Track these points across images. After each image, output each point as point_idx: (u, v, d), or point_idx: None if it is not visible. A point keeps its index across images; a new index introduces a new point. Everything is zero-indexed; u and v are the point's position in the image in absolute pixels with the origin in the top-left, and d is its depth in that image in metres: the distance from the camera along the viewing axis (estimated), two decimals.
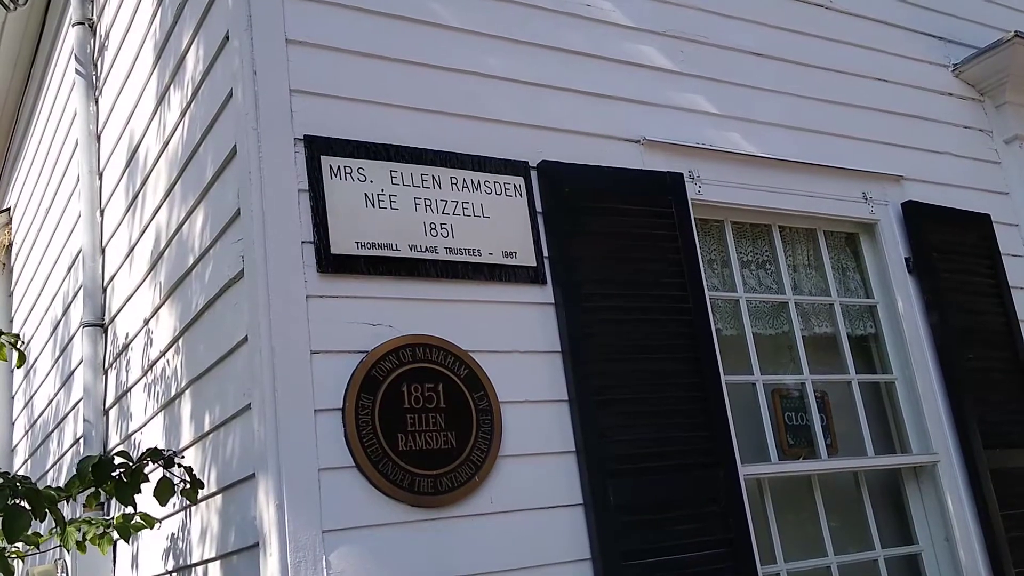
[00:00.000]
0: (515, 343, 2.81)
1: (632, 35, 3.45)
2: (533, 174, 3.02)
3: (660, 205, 3.23)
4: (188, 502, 2.86)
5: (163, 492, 2.62)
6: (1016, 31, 4.27)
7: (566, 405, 2.82)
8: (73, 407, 4.30)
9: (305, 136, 2.65)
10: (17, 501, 2.37)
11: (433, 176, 2.84)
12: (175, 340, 3.16)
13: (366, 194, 2.71)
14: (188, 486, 2.65)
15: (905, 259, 3.81)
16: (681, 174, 3.32)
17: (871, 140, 3.94)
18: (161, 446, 3.05)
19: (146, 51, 3.53)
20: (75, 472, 2.62)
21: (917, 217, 3.86)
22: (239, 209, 2.63)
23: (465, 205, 2.87)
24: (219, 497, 2.75)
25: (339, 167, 2.69)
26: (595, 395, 2.83)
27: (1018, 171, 4.35)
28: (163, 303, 3.29)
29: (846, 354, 3.66)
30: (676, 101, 3.47)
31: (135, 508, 2.71)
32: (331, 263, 2.59)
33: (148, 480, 2.64)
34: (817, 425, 3.46)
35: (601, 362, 2.90)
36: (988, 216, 4.09)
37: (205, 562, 2.83)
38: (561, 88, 3.20)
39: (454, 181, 2.87)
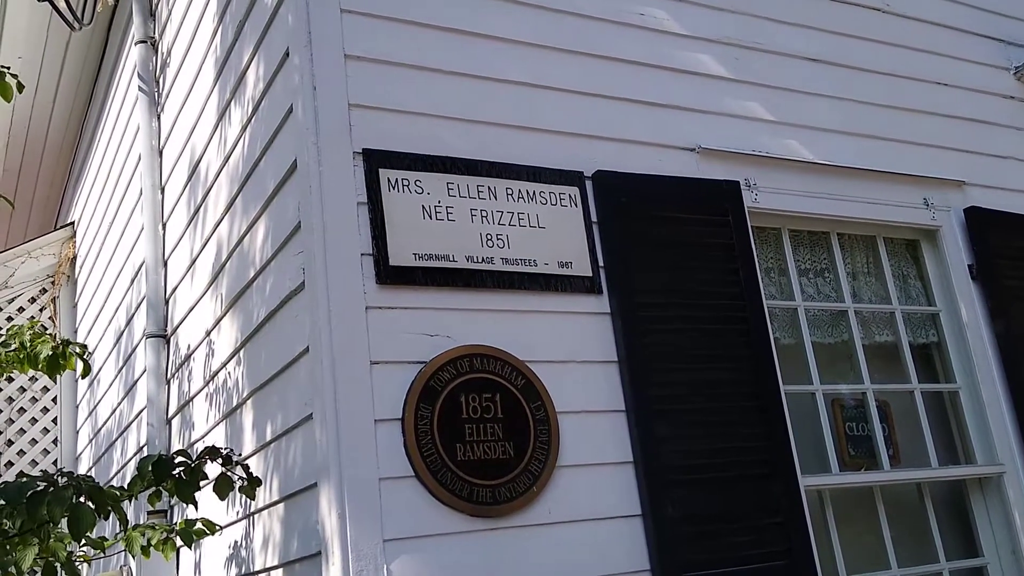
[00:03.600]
0: (571, 353, 2.81)
1: (686, 43, 3.44)
2: (588, 184, 3.03)
3: (716, 213, 3.21)
4: (249, 506, 2.91)
5: (222, 488, 2.66)
6: None
7: (623, 415, 2.81)
8: (136, 416, 4.40)
9: (364, 150, 2.69)
10: (81, 500, 2.41)
11: (489, 187, 2.86)
12: (237, 351, 3.22)
13: (423, 206, 2.74)
14: (247, 483, 2.69)
15: (968, 266, 3.74)
16: (737, 182, 3.30)
17: (931, 145, 3.88)
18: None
19: (207, 68, 3.61)
20: (136, 472, 2.67)
21: (980, 223, 3.78)
22: (300, 222, 2.68)
23: (521, 216, 2.88)
24: (281, 506, 2.79)
25: (396, 180, 2.72)
26: (652, 405, 2.82)
27: None
28: (224, 314, 3.36)
29: (908, 363, 3.60)
30: (731, 108, 3.45)
31: (196, 507, 2.75)
32: (390, 274, 2.62)
33: (208, 478, 2.69)
34: (879, 435, 3.41)
35: (658, 371, 2.89)
36: None
37: (268, 570, 2.87)
38: (615, 97, 3.20)
39: (510, 192, 2.89)
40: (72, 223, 6.35)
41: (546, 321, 2.83)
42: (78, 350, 3.40)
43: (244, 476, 2.70)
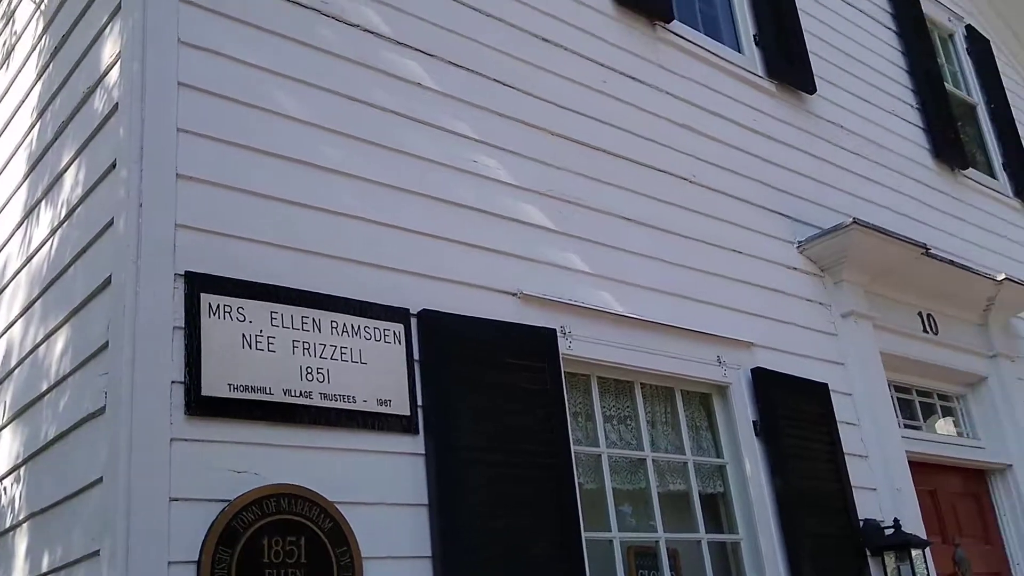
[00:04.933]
0: (383, 495, 2.78)
1: (515, 192, 3.60)
2: (414, 321, 3.06)
3: (534, 359, 3.32)
4: None
5: None
6: (855, 218, 4.70)
7: (429, 562, 2.79)
8: None
9: (187, 272, 2.60)
10: None
11: (314, 319, 2.83)
12: (17, 467, 2.95)
13: (244, 334, 2.67)
14: None
15: (753, 422, 4.03)
16: (554, 329, 3.44)
17: (727, 307, 4.20)
18: None
19: (18, 160, 3.40)
20: None
21: (764, 383, 4.11)
22: (108, 341, 2.54)
23: (344, 350, 2.86)
24: None
25: (218, 305, 2.65)
26: (460, 554, 2.82)
27: (852, 344, 4.71)
28: (6, 424, 3.08)
29: (697, 512, 3.80)
30: (553, 258, 3.62)
31: None
32: (200, 405, 2.52)
33: None
34: None
35: (468, 517, 2.89)
36: (826, 385, 4.39)
37: None
38: (446, 239, 3.28)
39: (334, 325, 2.87)
40: None
41: (361, 460, 2.79)
42: None
43: None
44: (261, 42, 3.04)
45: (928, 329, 5.31)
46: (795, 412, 4.18)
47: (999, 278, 5.58)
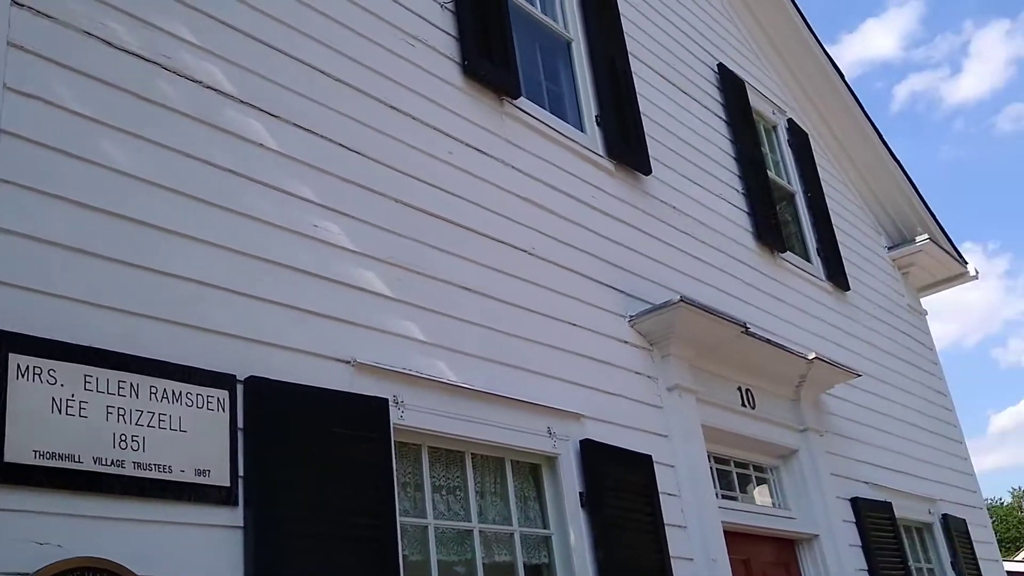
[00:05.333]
0: (198, 570, 2.67)
1: (354, 258, 3.59)
2: (240, 388, 2.98)
3: (363, 430, 3.29)
4: None
5: None
6: (682, 296, 4.94)
7: None
8: None
9: None
10: None
11: (132, 384, 2.71)
12: None
13: (54, 398, 2.53)
14: None
15: (580, 493, 4.12)
16: (386, 399, 3.42)
17: (559, 378, 4.31)
18: None
19: None
20: None
21: (592, 454, 4.22)
22: None
23: (162, 417, 2.75)
24: None
25: (28, 367, 2.50)
26: None
27: (677, 417, 4.92)
28: None
29: None
30: (389, 326, 3.61)
31: None
32: (2, 472, 2.36)
33: None
34: None
35: None
36: (650, 457, 4.55)
37: None
38: (279, 304, 3.23)
39: (154, 391, 2.75)
40: None
41: (175, 533, 2.67)
42: None
43: None
44: (94, 92, 2.93)
45: (746, 403, 5.61)
46: (620, 483, 4.31)
47: (810, 357, 5.98)
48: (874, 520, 6.29)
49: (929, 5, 79.90)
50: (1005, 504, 46.53)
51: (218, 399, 2.91)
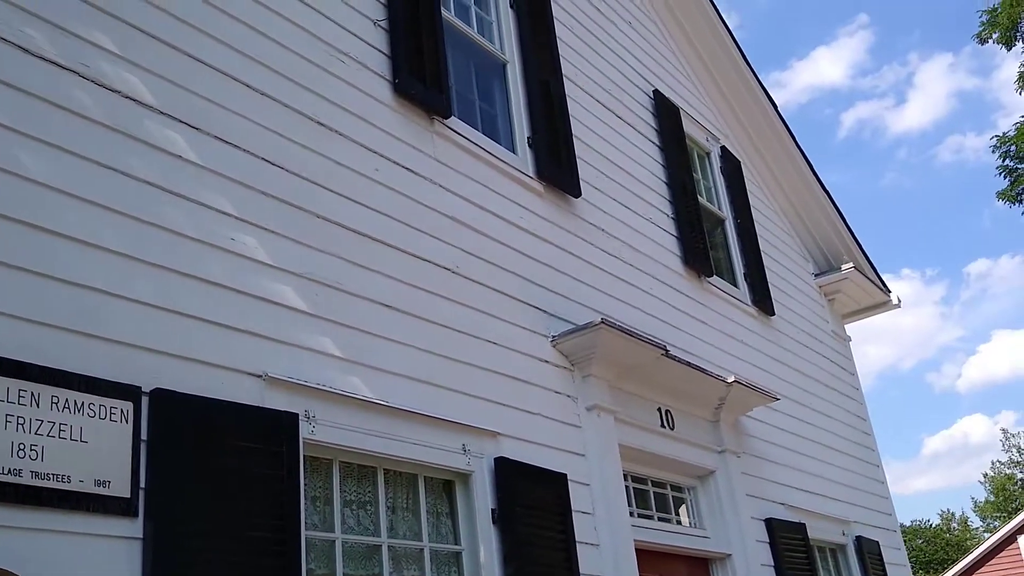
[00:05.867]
0: None
1: (271, 273, 3.61)
2: (145, 400, 2.99)
3: (271, 444, 3.31)
4: None
5: None
6: (603, 317, 5.05)
7: None
8: None
9: None
10: None
11: (33, 393, 2.71)
12: None
13: None
14: None
15: (492, 510, 4.18)
16: (296, 414, 3.44)
17: (477, 396, 4.37)
18: None
19: None
20: None
21: (505, 472, 4.28)
22: None
23: (63, 427, 2.75)
24: None
25: None
26: None
27: (594, 436, 5.01)
28: None
29: None
30: (304, 341, 3.64)
31: None
32: None
33: None
34: None
35: None
36: (565, 475, 4.63)
37: None
38: (191, 316, 3.24)
39: (55, 401, 2.75)
40: None
41: (73, 543, 2.67)
42: None
43: None
44: (8, 99, 2.93)
45: (666, 424, 5.72)
46: (533, 501, 4.38)
47: (729, 380, 6.13)
48: (787, 540, 6.46)
49: (877, 36, 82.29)
50: (934, 526, 47.74)
51: (122, 410, 2.92)
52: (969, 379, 74.17)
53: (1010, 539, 21.76)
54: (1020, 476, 45.36)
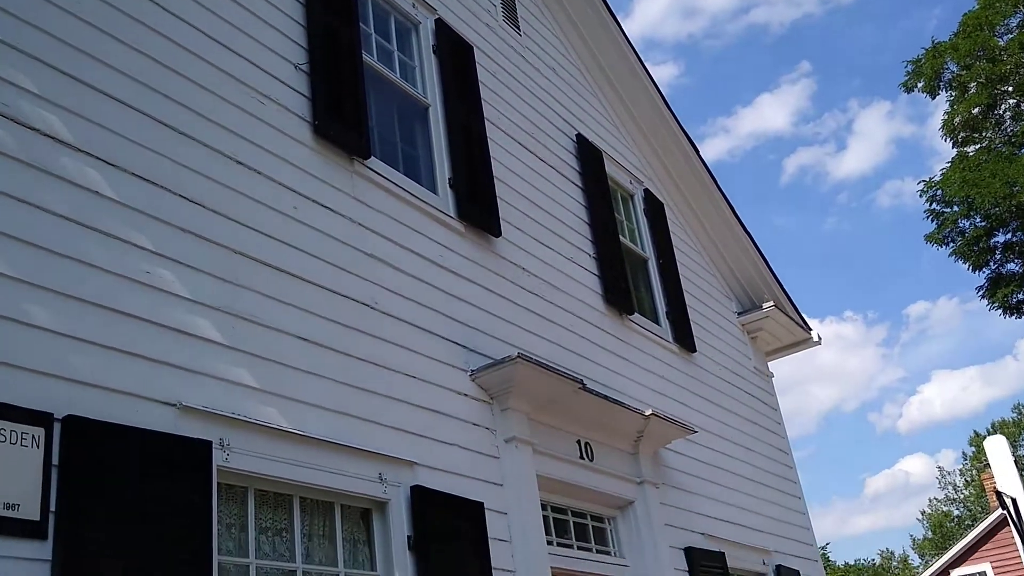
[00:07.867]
0: None
1: (187, 305, 3.72)
2: (57, 426, 3.07)
3: (183, 471, 3.39)
4: None
5: None
6: (520, 352, 5.22)
7: None
8: None
9: None
10: None
11: None
12: None
13: None
14: None
15: (408, 537, 4.29)
16: (209, 442, 3.54)
17: (394, 427, 4.49)
18: None
19: None
20: None
21: (421, 500, 4.40)
22: None
23: None
24: None
25: None
26: None
27: (512, 466, 5.15)
28: None
29: None
30: (220, 372, 3.74)
31: None
32: None
33: None
34: None
35: None
36: (482, 504, 4.76)
37: None
38: (105, 346, 3.34)
39: None
40: None
41: None
42: None
43: None
44: None
45: (585, 456, 5.89)
46: (449, 529, 4.50)
47: (647, 413, 6.33)
48: (707, 569, 6.63)
49: (819, 83, 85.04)
50: (877, 564, 48.49)
51: (33, 436, 3.00)
52: (910, 419, 75.80)
53: (943, 574, 22.28)
54: (956, 513, 46.41)
